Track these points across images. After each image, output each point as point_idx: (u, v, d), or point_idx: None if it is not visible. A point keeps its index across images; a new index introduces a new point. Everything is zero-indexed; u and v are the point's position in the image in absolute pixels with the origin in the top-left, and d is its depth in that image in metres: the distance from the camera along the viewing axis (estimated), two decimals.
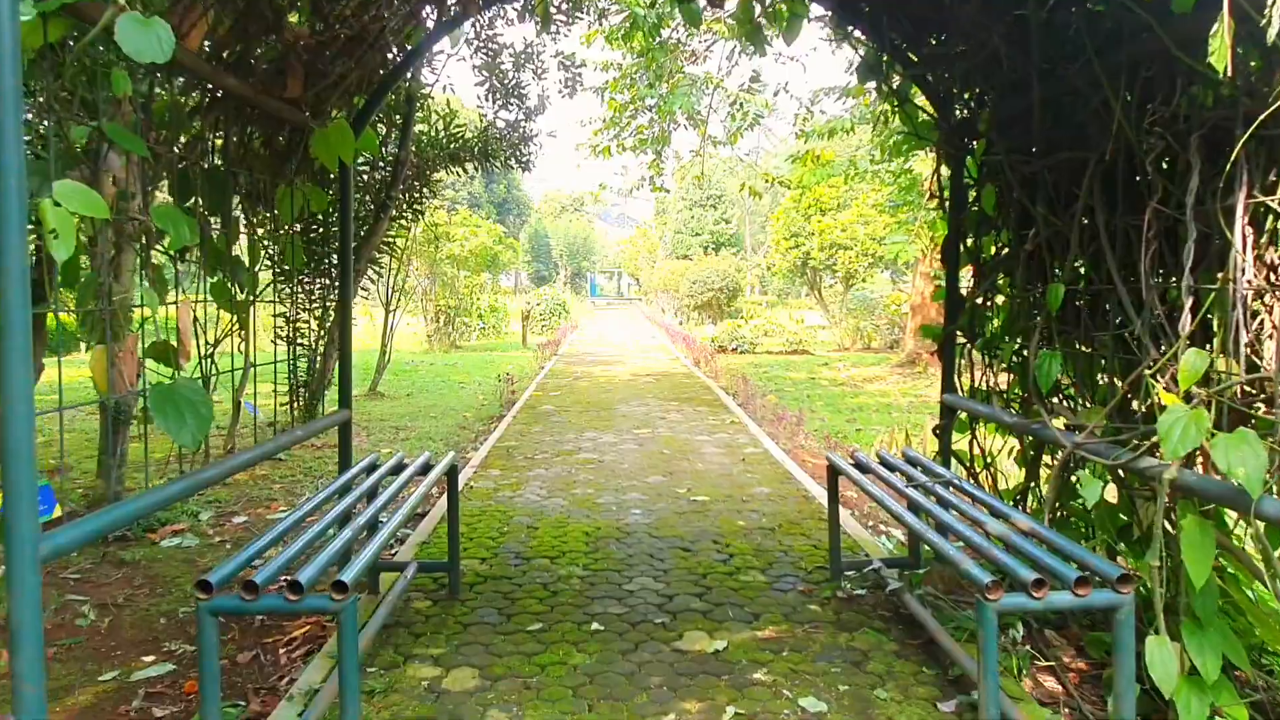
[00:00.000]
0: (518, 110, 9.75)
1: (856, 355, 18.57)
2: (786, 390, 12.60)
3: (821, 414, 10.40)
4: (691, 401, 11.26)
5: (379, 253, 9.94)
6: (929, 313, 13.83)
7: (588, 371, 15.43)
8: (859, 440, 8.70)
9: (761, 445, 8.17)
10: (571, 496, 6.21)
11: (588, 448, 8.06)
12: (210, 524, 5.95)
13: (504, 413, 10.49)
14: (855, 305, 31.89)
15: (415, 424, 9.81)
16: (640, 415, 10.07)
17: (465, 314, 21.82)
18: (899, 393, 12.04)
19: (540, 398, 11.81)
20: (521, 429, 9.22)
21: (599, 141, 13.51)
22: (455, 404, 11.48)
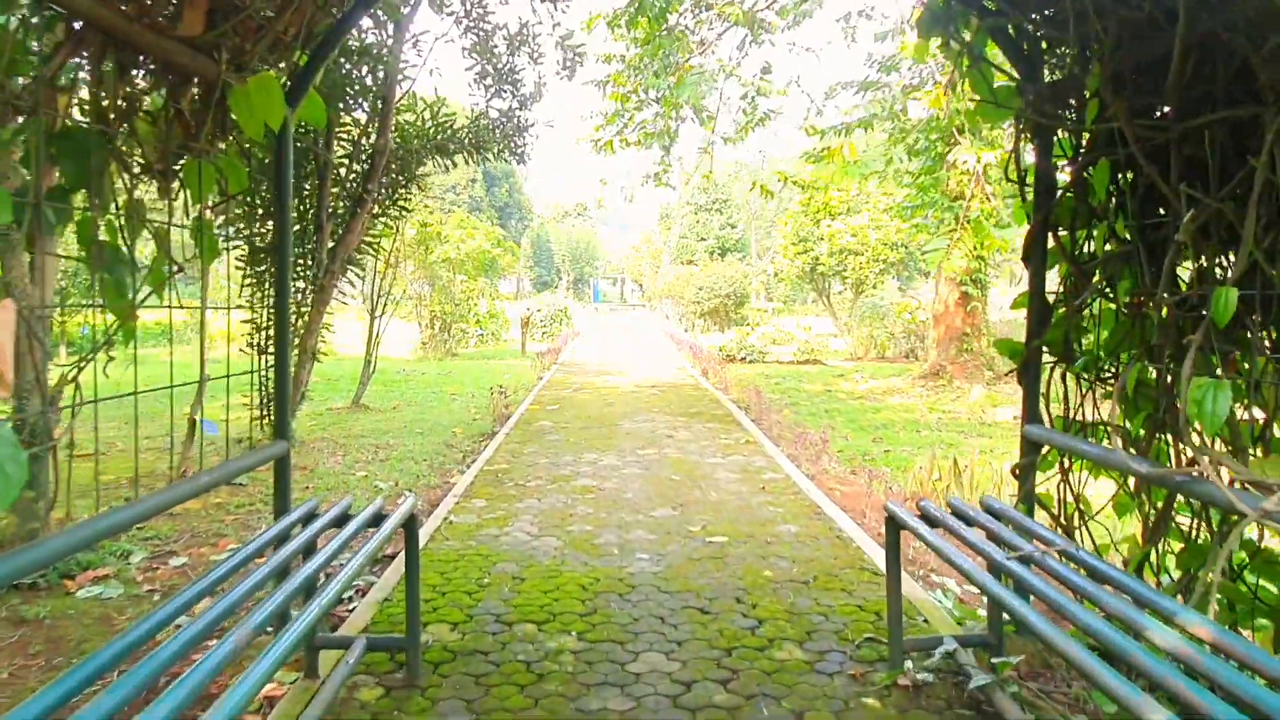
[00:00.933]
0: (512, 97, 8.87)
1: (872, 365, 17.68)
2: (802, 404, 11.71)
3: (843, 431, 9.50)
4: (701, 417, 10.37)
5: (359, 253, 9.07)
6: (953, 321, 12.95)
7: (589, 382, 14.55)
8: (888, 464, 7.81)
9: (782, 470, 7.28)
10: (567, 535, 5.32)
11: (587, 472, 7.17)
12: (142, 567, 5.06)
13: (496, 429, 9.61)
14: (866, 312, 31.01)
15: (398, 442, 8.93)
16: (645, 433, 9.18)
17: (462, 320, 20.97)
18: (925, 408, 11.14)
19: (537, 412, 10.92)
20: (514, 449, 8.34)
21: (601, 136, 12.70)
22: (444, 418, 10.60)
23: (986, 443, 8.86)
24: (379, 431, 9.58)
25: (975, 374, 12.54)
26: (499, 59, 8.60)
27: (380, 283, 11.38)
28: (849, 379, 14.41)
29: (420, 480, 7.24)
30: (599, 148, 12.75)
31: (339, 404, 11.61)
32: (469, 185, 48.20)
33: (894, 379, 13.83)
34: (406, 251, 15.14)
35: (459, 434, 9.54)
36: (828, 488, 6.87)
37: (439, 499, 6.55)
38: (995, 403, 11.23)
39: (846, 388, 13.33)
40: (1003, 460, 7.85)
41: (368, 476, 7.34)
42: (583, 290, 64.44)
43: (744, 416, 10.32)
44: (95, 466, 6.47)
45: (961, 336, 12.78)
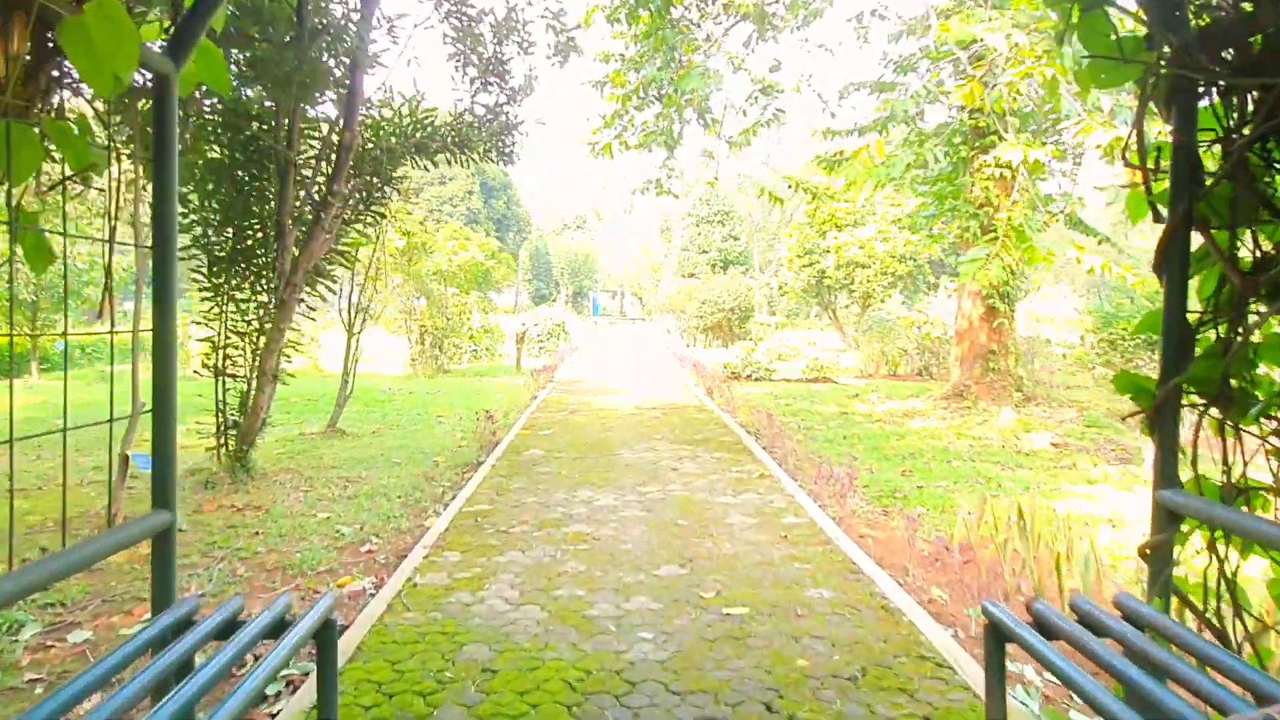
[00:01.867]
0: (499, 91, 8.01)
1: (886, 384, 16.75)
2: (816, 428, 10.78)
3: (867, 461, 8.57)
4: (708, 444, 9.44)
5: (329, 263, 8.18)
6: (977, 337, 12.04)
7: (586, 402, 13.62)
8: (922, 501, 6.88)
9: (804, 512, 6.34)
10: (553, 603, 4.39)
11: (580, 515, 6.24)
12: (32, 645, 4.12)
13: (482, 459, 8.68)
14: (873, 327, 30.12)
15: (370, 474, 8.00)
16: (647, 464, 8.25)
17: (455, 335, 20.07)
18: (951, 433, 10.21)
19: (528, 437, 9.99)
20: (500, 483, 7.41)
21: (599, 139, 11.85)
22: (427, 445, 9.67)
23: (1027, 475, 7.94)
24: (352, 461, 8.65)
25: (1002, 395, 11.63)
26: (484, 46, 7.72)
27: (359, 296, 10.47)
28: (864, 399, 13.48)
29: (390, 523, 6.31)
30: (597, 152, 11.90)
31: (314, 428, 10.68)
32: (466, 197, 47.40)
33: (913, 400, 12.91)
34: (391, 263, 14.25)
35: (441, 464, 8.61)
36: (858, 533, 5.94)
37: (407, 548, 5.62)
38: (1028, 427, 10.31)
39: (862, 409, 12.40)
40: (1054, 498, 6.92)
41: (330, 519, 6.40)
42: (582, 304, 63.55)
43: (755, 444, 9.39)
44: (10, 511, 5.55)
45: (987, 354, 11.86)
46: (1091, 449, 9.25)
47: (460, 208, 46.64)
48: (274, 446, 9.48)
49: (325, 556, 5.48)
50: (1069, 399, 12.34)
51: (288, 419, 11.67)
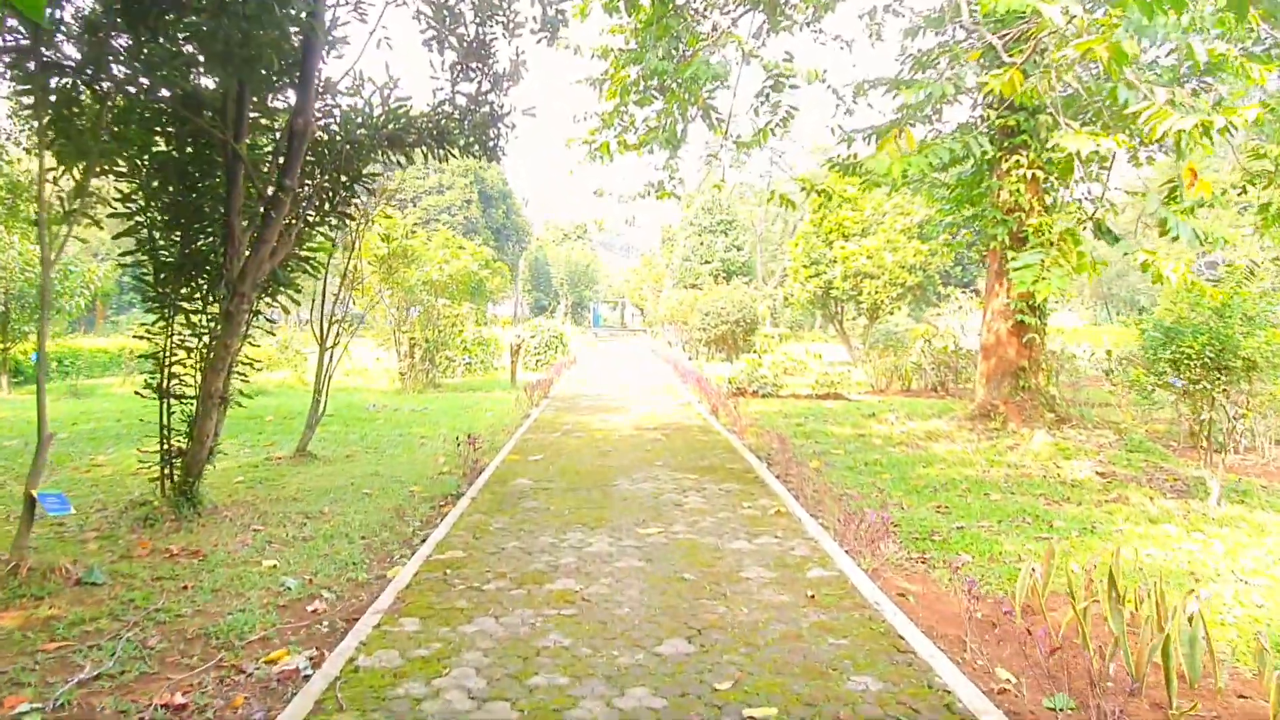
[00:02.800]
0: (481, 77, 7.12)
1: (900, 400, 15.82)
2: (833, 452, 9.85)
3: (893, 493, 7.64)
4: (715, 473, 8.51)
5: (289, 270, 7.28)
6: (1006, 353, 11.12)
7: (582, 422, 12.69)
8: (965, 545, 5.94)
9: (832, 562, 5.41)
10: (527, 698, 3.46)
11: (568, 567, 5.31)
12: None
13: (463, 489, 7.75)
14: (880, 339, 29.18)
15: (335, 508, 7.07)
16: (647, 498, 7.32)
17: (447, 347, 19.17)
18: (983, 459, 9.27)
19: (516, 464, 9.07)
20: (479, 522, 6.48)
21: (597, 139, 10.97)
22: (405, 471, 8.75)
23: (1075, 511, 7.00)
24: (318, 492, 7.72)
25: (1034, 416, 10.70)
26: (464, 26, 6.84)
27: (333, 307, 9.56)
28: (880, 418, 12.55)
29: (346, 573, 5.39)
30: (595, 153, 11.02)
31: (284, 450, 9.75)
32: (464, 206, 46.60)
33: (935, 420, 11.97)
34: (370, 270, 13.31)
35: (417, 495, 7.69)
36: (897, 590, 5.01)
37: (361, 608, 4.70)
38: (1065, 453, 9.38)
39: (880, 430, 11.47)
40: (1114, 539, 5.98)
41: (277, 568, 5.47)
42: (582, 315, 62.73)
43: (767, 472, 8.46)
44: None
45: (1017, 372, 10.93)
46: (1141, 478, 8.31)
47: (458, 216, 45.85)
48: (233, 473, 8.55)
49: (261, 620, 4.55)
50: (1102, 419, 11.41)
51: (258, 440, 10.75)
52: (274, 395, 16.19)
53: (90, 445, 10.09)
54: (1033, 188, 10.70)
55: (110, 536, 6.25)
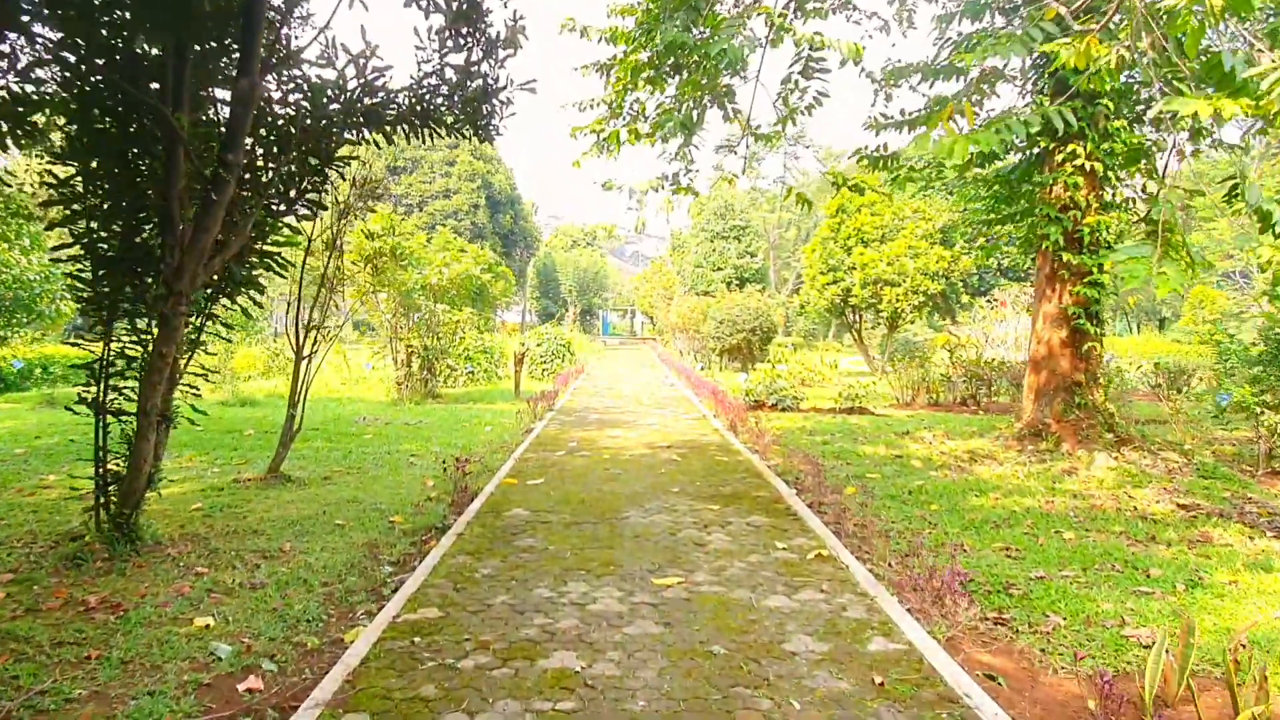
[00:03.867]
0: (473, 45, 6.12)
1: (930, 415, 14.72)
2: (869, 477, 8.77)
3: (949, 529, 6.56)
4: (740, 503, 7.46)
5: (248, 267, 6.28)
6: (1058, 365, 10.03)
7: (589, 438, 11.65)
8: (1051, 603, 4.87)
9: (896, 629, 4.35)
10: None
11: (568, 633, 4.26)
12: None
13: (450, 521, 6.73)
14: (899, 349, 28.07)
15: (300, 544, 6.06)
16: (663, 535, 6.27)
17: (449, 355, 18.18)
18: (1041, 487, 8.18)
19: (513, 490, 8.04)
20: (463, 567, 5.45)
21: (605, 129, 9.98)
22: (387, 497, 7.73)
23: (1169, 554, 5.91)
24: (283, 523, 6.71)
25: (1091, 436, 9.60)
26: None
27: (310, 312, 8.57)
28: (915, 436, 11.46)
29: (293, 636, 4.36)
30: (602, 144, 10.03)
31: (257, 471, 8.74)
32: (471, 211, 45.70)
33: (976, 439, 10.88)
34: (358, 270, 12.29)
35: (398, 527, 6.67)
36: (980, 666, 3.95)
37: (304, 689, 3.68)
38: (1134, 480, 8.29)
39: (917, 450, 10.38)
40: (1228, 596, 4.89)
41: (212, 629, 4.45)
42: (590, 322, 61.75)
43: (798, 501, 7.40)
44: None
45: (1071, 387, 9.83)
46: (1230, 512, 7.21)
47: (465, 221, 44.98)
48: (192, 498, 7.56)
49: (172, 708, 3.53)
50: (1163, 440, 10.28)
51: (231, 457, 9.76)
52: (260, 406, 15.21)
53: (45, 463, 9.13)
54: (1090, 182, 9.63)
55: (27, 580, 5.25)
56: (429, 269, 15.83)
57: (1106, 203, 9.81)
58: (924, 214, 26.62)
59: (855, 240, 26.62)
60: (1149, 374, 14.32)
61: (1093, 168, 9.45)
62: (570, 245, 69.70)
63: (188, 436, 11.05)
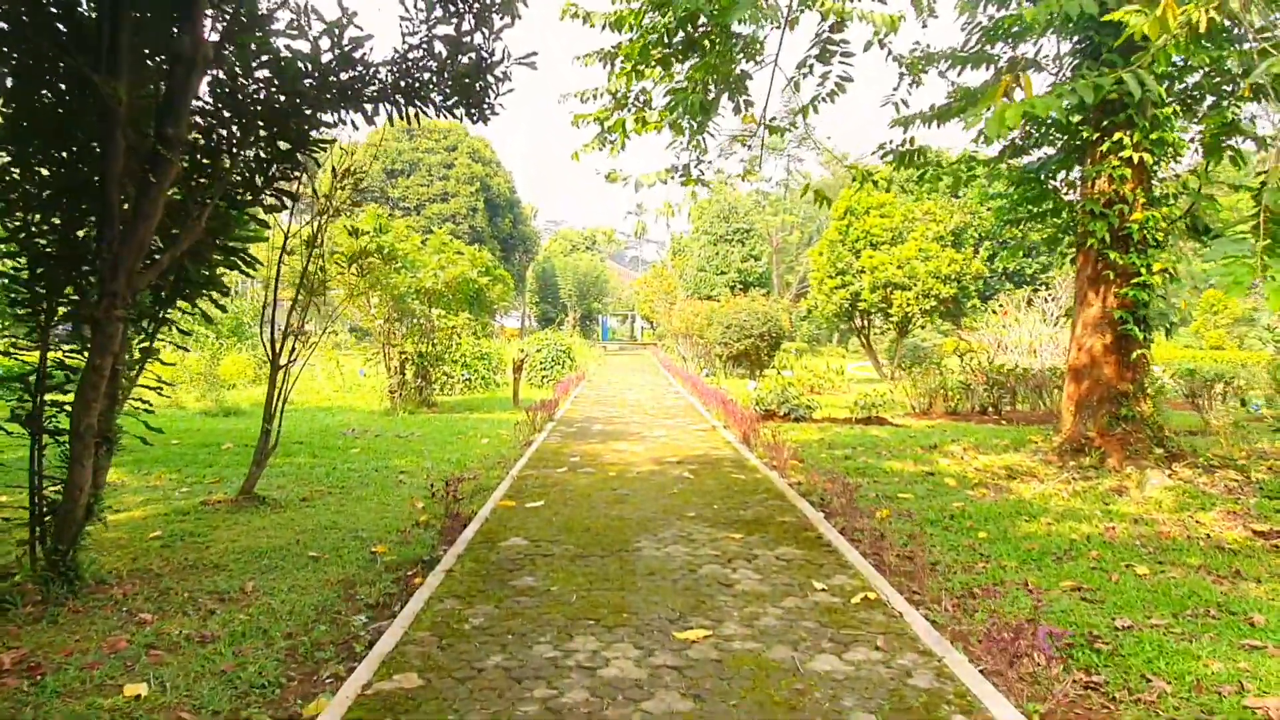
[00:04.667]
0: (465, 13, 5.36)
1: (951, 425, 13.95)
2: (901, 498, 8.00)
3: (1004, 562, 5.78)
4: (765, 529, 6.67)
5: (205, 266, 5.51)
6: (1101, 373, 9.25)
7: (592, 453, 10.87)
8: (1149, 664, 4.09)
9: (977, 705, 3.56)
10: None
11: (576, 708, 3.48)
12: None
13: (439, 553, 5.94)
14: (909, 354, 27.28)
15: (265, 582, 5.28)
16: (681, 571, 5.49)
17: (445, 362, 17.41)
18: (1095, 510, 7.40)
19: (509, 514, 7.25)
20: (451, 616, 4.66)
21: (611, 118, 9.25)
22: (370, 522, 6.95)
23: (1262, 592, 5.13)
24: (251, 555, 5.92)
25: (1139, 451, 8.83)
26: None
27: (288, 317, 7.80)
28: (944, 450, 10.67)
29: (241, 713, 3.58)
30: (605, 138, 9.30)
31: (227, 492, 7.95)
32: (469, 214, 44.93)
33: (1010, 453, 10.10)
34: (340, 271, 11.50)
35: (380, 557, 5.90)
36: None
37: None
38: (1196, 501, 7.52)
39: (949, 466, 9.59)
40: None
41: (143, 699, 3.67)
42: (590, 327, 60.98)
43: (831, 529, 6.61)
44: None
45: (1116, 398, 9.06)
46: None
47: (463, 225, 44.23)
48: (153, 524, 6.77)
49: None
50: (1212, 454, 9.50)
51: (205, 475, 8.97)
52: (245, 416, 14.43)
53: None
54: (1137, 175, 8.87)
55: None
56: (424, 271, 15.04)
57: (1154, 197, 9.05)
58: (934, 215, 25.88)
59: (864, 243, 25.87)
60: (1180, 381, 13.56)
61: (1141, 159, 8.70)
62: (570, 249, 68.99)
63: (161, 451, 10.27)
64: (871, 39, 9.01)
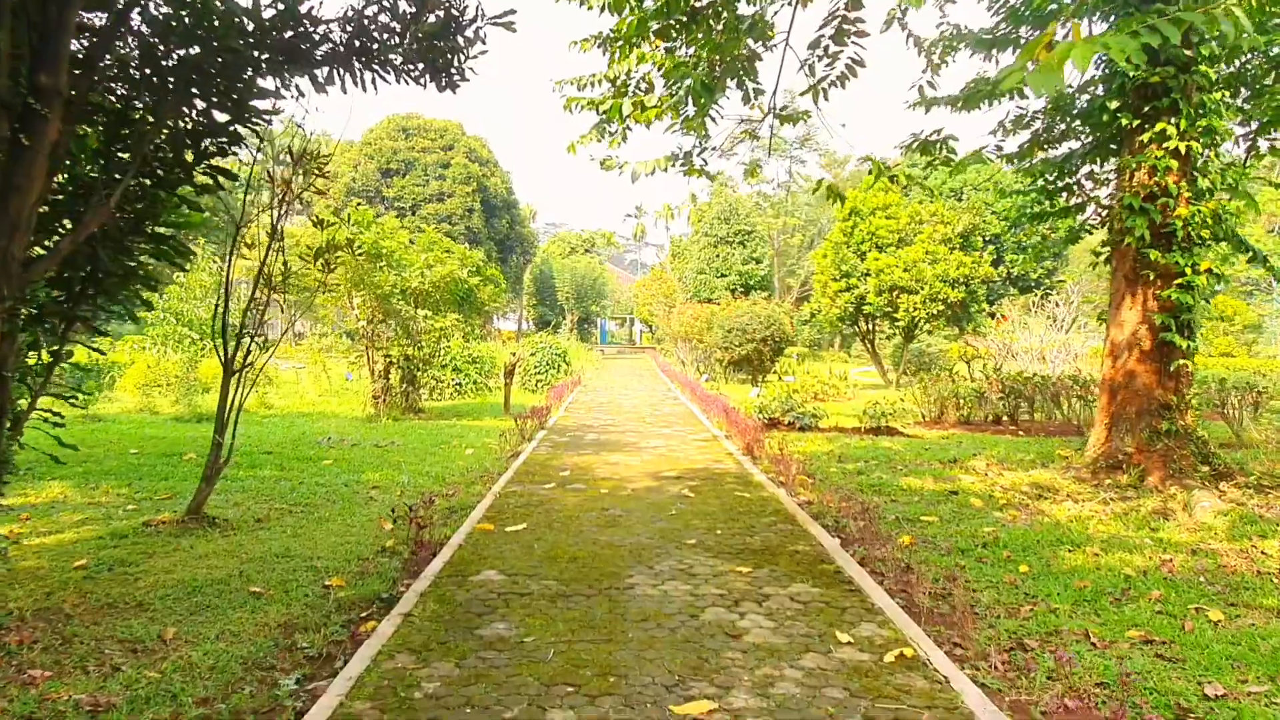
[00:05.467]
0: None
1: (966, 436, 13.15)
2: (924, 520, 7.20)
3: (1054, 603, 4.98)
4: (776, 561, 5.87)
5: (124, 255, 4.72)
6: (1139, 384, 8.47)
7: (584, 465, 10.07)
8: None
9: None
10: None
11: None
12: None
13: (400, 590, 5.14)
14: (913, 359, 26.49)
15: (191, 629, 4.48)
16: (681, 618, 4.69)
17: (432, 366, 16.61)
18: (1143, 539, 6.60)
19: (487, 540, 6.45)
20: (401, 679, 3.86)
21: (607, 103, 8.48)
22: (330, 548, 6.15)
23: None
24: (184, 589, 5.12)
25: (1184, 469, 8.05)
26: None
27: (244, 317, 7.00)
28: (964, 465, 9.87)
29: None
30: (604, 128, 8.53)
31: (166, 514, 7.13)
32: (465, 215, 44.12)
33: (1037, 469, 9.30)
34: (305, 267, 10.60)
35: (334, 591, 5.10)
36: None
37: None
38: (1254, 526, 6.73)
39: (972, 484, 8.79)
40: None
41: None
42: (588, 330, 60.19)
43: (850, 561, 5.81)
44: None
45: (1157, 411, 8.27)
46: None
47: (459, 226, 43.43)
48: (81, 550, 5.97)
49: None
50: (1260, 471, 8.71)
51: (158, 489, 8.17)
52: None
53: None
54: (1183, 166, 8.10)
55: None
56: (410, 271, 14.25)
57: (1200, 190, 8.27)
58: (942, 217, 25.13)
59: (869, 245, 25.12)
60: (1207, 391, 12.77)
61: (1187, 149, 7.93)
62: (568, 251, 68.23)
63: (116, 463, 9.47)
64: (891, 13, 8.27)
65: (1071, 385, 14.73)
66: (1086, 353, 21.83)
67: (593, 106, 8.37)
